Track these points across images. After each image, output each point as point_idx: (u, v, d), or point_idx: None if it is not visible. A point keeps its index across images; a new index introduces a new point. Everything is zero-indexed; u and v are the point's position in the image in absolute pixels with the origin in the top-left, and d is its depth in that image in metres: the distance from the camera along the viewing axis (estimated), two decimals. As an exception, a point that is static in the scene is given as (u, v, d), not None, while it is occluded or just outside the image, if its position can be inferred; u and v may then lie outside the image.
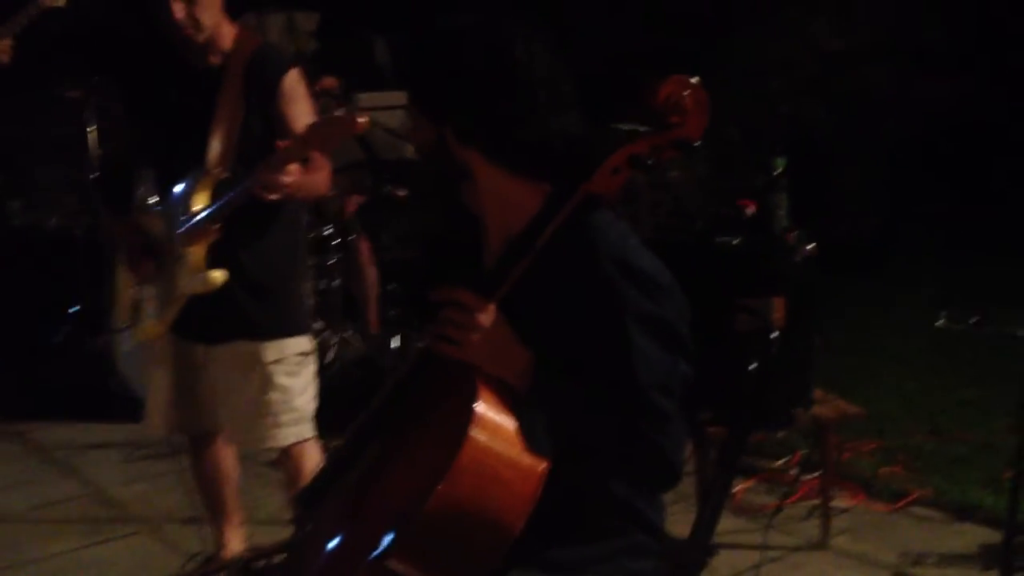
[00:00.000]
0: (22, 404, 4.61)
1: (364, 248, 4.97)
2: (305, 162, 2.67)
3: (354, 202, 4.95)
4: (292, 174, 2.56)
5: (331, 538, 1.67)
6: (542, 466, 1.54)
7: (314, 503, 1.79)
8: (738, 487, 3.62)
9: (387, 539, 1.50)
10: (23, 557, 3.41)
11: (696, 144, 1.59)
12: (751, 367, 2.73)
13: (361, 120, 2.44)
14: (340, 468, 1.78)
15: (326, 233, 4.76)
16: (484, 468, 1.50)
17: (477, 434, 1.50)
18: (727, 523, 3.38)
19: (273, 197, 2.60)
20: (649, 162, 1.57)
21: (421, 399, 1.69)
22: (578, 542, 1.71)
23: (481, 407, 1.52)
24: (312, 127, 2.54)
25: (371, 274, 4.99)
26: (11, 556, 3.40)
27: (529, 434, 1.55)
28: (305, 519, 1.79)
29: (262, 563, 1.92)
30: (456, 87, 1.64)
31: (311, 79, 4.32)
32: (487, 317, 1.58)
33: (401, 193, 4.55)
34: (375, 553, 1.50)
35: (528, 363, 1.60)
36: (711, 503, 1.98)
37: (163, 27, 2.67)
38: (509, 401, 1.56)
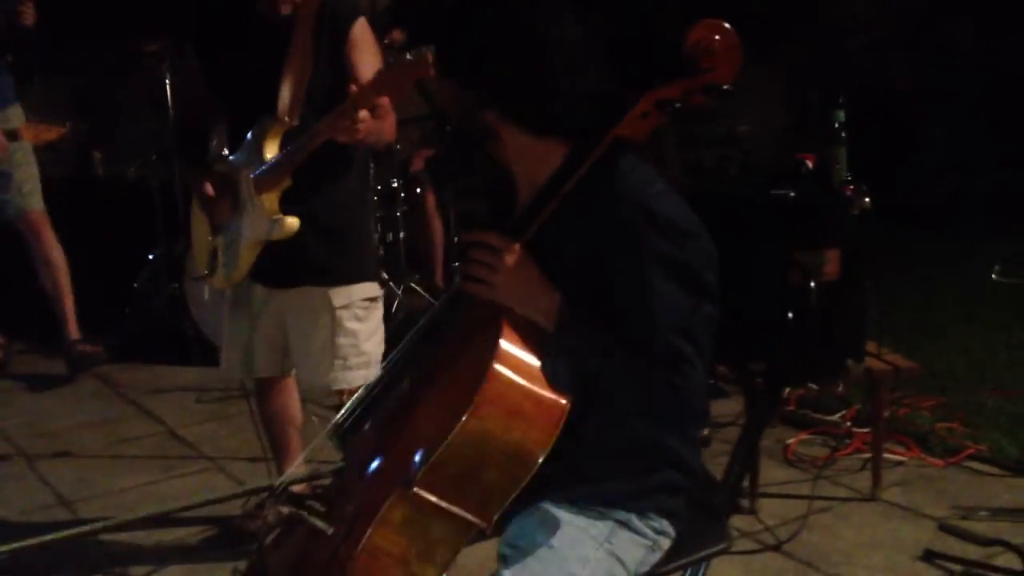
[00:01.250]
0: (105, 346, 4.79)
1: (430, 201, 5.04)
2: (373, 109, 2.73)
3: (421, 155, 5.02)
4: (363, 120, 2.62)
5: (364, 467, 1.75)
6: (564, 402, 1.60)
7: (350, 433, 1.87)
8: (792, 439, 3.64)
9: (415, 467, 1.58)
10: (99, 490, 3.58)
11: (727, 88, 1.60)
12: (795, 317, 2.74)
13: (427, 67, 2.47)
14: (375, 400, 1.85)
15: (393, 186, 4.83)
16: (506, 401, 1.56)
17: (500, 368, 1.57)
18: (778, 473, 3.41)
19: (344, 140, 2.66)
20: (678, 106, 1.59)
21: (451, 336, 1.76)
22: (608, 479, 1.75)
23: (505, 343, 1.58)
24: (383, 72, 2.58)
25: (437, 227, 5.07)
26: (89, 489, 3.58)
27: (553, 372, 1.61)
28: (342, 449, 1.87)
29: (301, 488, 2.00)
30: (476, 50, 1.69)
31: (382, 32, 4.39)
32: (513, 258, 1.64)
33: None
34: (403, 480, 1.58)
35: (554, 304, 1.65)
36: (743, 447, 2.01)
37: None
38: (534, 339, 1.62)
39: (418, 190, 4.99)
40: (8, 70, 4.27)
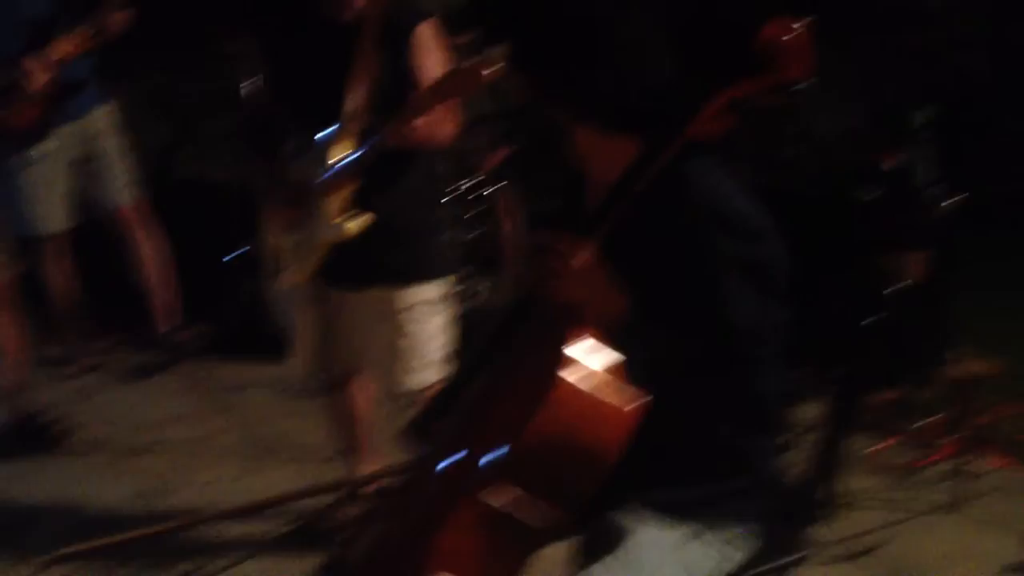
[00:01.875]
0: (187, 341, 4.87)
1: (502, 200, 5.05)
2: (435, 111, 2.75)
3: (498, 154, 5.03)
4: (421, 124, 2.64)
5: (441, 463, 1.77)
6: (636, 404, 1.59)
7: (425, 432, 1.89)
8: (876, 446, 3.56)
9: (488, 467, 1.59)
10: (184, 483, 3.67)
11: (800, 88, 1.58)
12: (877, 321, 2.69)
13: (486, 71, 2.49)
14: (448, 399, 1.87)
15: (465, 184, 4.86)
16: (579, 402, 1.57)
17: (572, 369, 1.57)
18: (862, 481, 3.34)
19: (402, 145, 2.69)
20: (751, 105, 1.57)
21: (523, 336, 1.76)
22: (682, 483, 1.75)
23: (576, 344, 1.59)
24: (441, 78, 2.62)
25: (508, 226, 5.08)
26: (174, 482, 3.67)
27: (623, 374, 1.60)
28: (419, 444, 1.89)
29: (377, 485, 2.03)
30: (547, 46, 1.68)
31: (457, 31, 4.41)
32: (584, 258, 1.63)
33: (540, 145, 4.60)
34: (478, 480, 1.59)
35: (625, 305, 1.64)
36: (822, 454, 1.98)
37: None
38: (605, 340, 1.61)
39: (490, 189, 5.00)
40: (95, 72, 4.39)
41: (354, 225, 2.83)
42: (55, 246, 4.53)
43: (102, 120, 4.41)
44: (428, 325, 2.98)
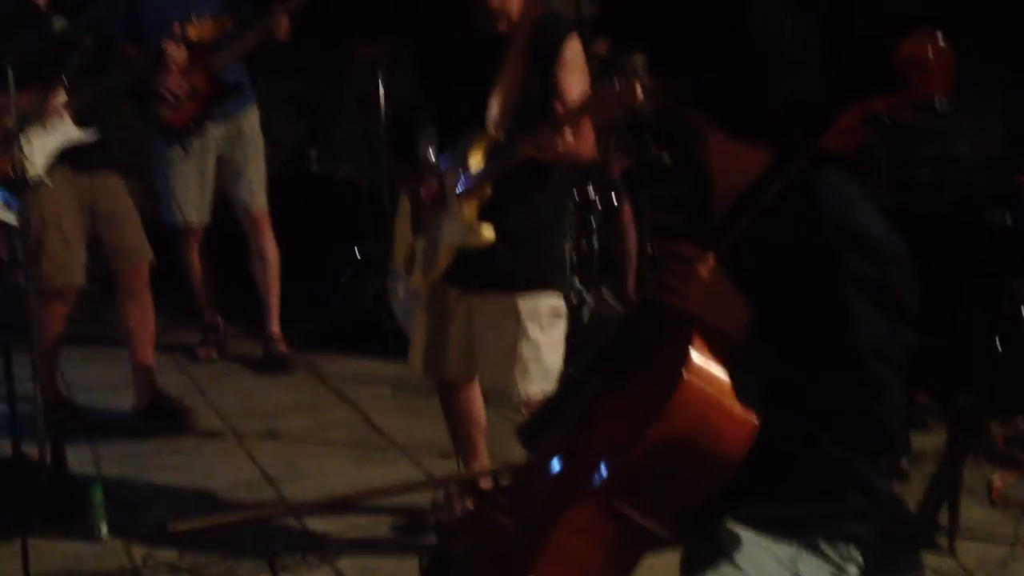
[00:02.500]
0: (310, 335, 5.05)
1: (626, 210, 5.05)
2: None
3: (618, 163, 5.03)
4: (566, 138, 2.67)
5: (551, 468, 1.79)
6: (753, 417, 1.58)
7: (537, 435, 1.91)
8: (998, 478, 3.44)
9: (601, 473, 1.60)
10: (301, 471, 3.78)
11: (939, 106, 1.55)
12: (1006, 348, 2.60)
13: (640, 92, 2.50)
14: (563, 403, 1.88)
15: (589, 193, 4.87)
16: (695, 412, 1.56)
17: (691, 379, 1.57)
18: (981, 514, 3.22)
19: (544, 157, 2.71)
20: (887, 121, 1.55)
21: (641, 343, 1.76)
22: (794, 501, 1.72)
23: (696, 354, 1.58)
24: (591, 96, 2.63)
25: (631, 235, 5.07)
26: (291, 471, 3.78)
27: (743, 386, 1.59)
28: (528, 449, 1.91)
29: (488, 485, 2.05)
30: (683, 46, 1.68)
31: (588, 42, 4.43)
32: (706, 269, 1.62)
33: (664, 156, 4.59)
34: (589, 485, 1.60)
35: (747, 317, 1.63)
36: (942, 480, 1.93)
37: None
38: (724, 352, 1.61)
39: (614, 198, 5.01)
40: (248, 74, 4.57)
41: (487, 231, 2.87)
42: (194, 238, 4.72)
43: (248, 123, 4.60)
44: (549, 332, 2.99)
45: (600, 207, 4.91)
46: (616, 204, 5.01)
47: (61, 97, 3.71)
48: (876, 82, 1.57)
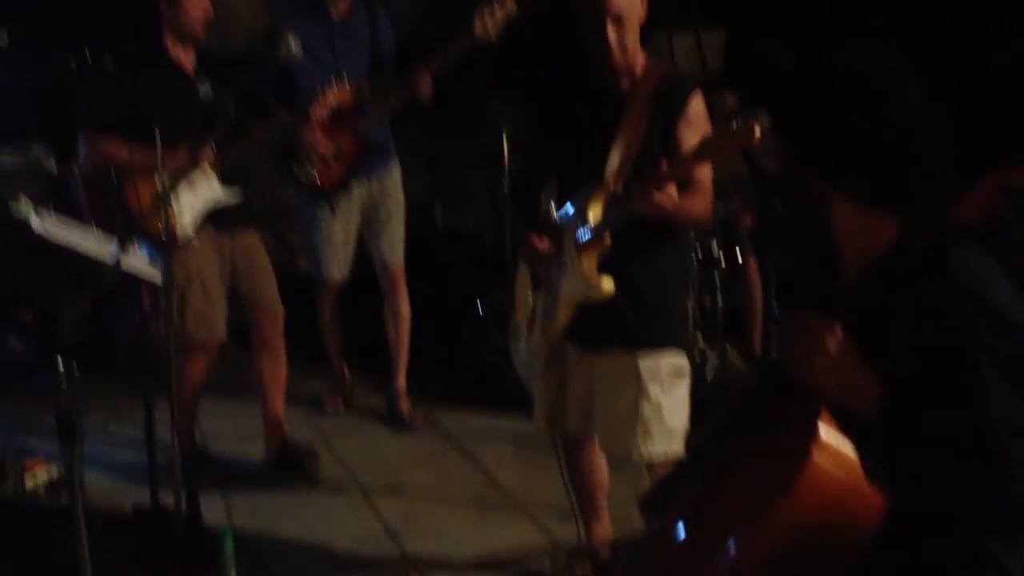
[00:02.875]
0: (433, 389, 5.10)
1: (752, 266, 4.98)
2: (685, 187, 2.77)
3: (743, 219, 4.98)
4: (669, 194, 2.66)
5: (673, 542, 1.76)
6: (882, 497, 1.53)
7: (659, 506, 1.88)
8: None
9: (725, 550, 1.57)
10: (423, 527, 3.82)
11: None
12: None
13: (758, 131, 2.49)
14: (686, 474, 1.86)
15: (713, 248, 4.82)
16: (823, 492, 1.53)
17: (819, 457, 1.53)
18: None
19: (650, 213, 2.71)
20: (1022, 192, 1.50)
21: (767, 416, 1.73)
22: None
23: (824, 430, 1.55)
24: (705, 140, 2.63)
25: (757, 292, 4.99)
26: (413, 526, 3.82)
27: (872, 464, 1.55)
28: (651, 520, 1.89)
29: (608, 555, 2.03)
30: (808, 114, 1.66)
31: (715, 96, 4.42)
32: (834, 341, 1.58)
33: (790, 214, 4.51)
34: (712, 562, 1.57)
35: (875, 392, 1.58)
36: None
37: (588, 47, 2.86)
38: (853, 428, 1.57)
39: (739, 254, 4.95)
40: (394, 133, 4.70)
41: (607, 284, 2.86)
42: (332, 292, 4.85)
43: (391, 180, 4.73)
44: (671, 391, 2.97)
45: (725, 263, 4.86)
46: (741, 261, 4.95)
47: (208, 158, 3.88)
48: (1012, 151, 1.52)
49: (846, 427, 1.57)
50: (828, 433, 1.56)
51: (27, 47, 4.10)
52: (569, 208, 2.98)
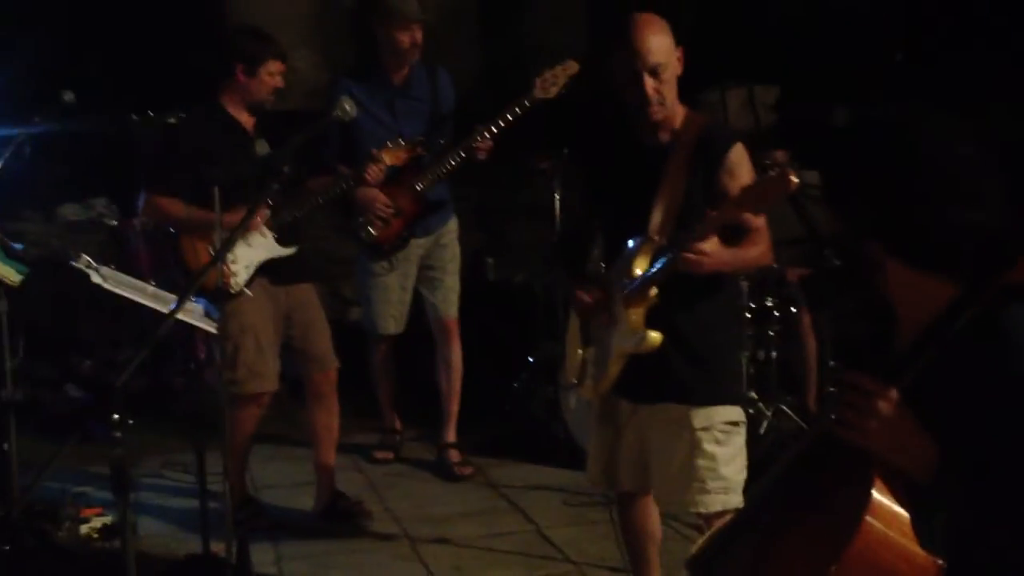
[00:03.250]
0: (482, 441, 5.10)
1: (805, 320, 4.93)
2: (741, 234, 2.77)
3: (796, 273, 4.95)
4: (711, 245, 2.66)
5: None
6: (938, 565, 1.50)
7: (709, 567, 1.86)
8: None
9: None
10: (469, 580, 3.82)
11: None
12: None
13: (795, 179, 2.47)
14: (736, 533, 1.84)
15: (767, 303, 4.79)
16: (876, 559, 1.50)
17: (872, 522, 1.51)
18: None
19: (695, 268, 2.71)
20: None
21: (819, 478, 1.71)
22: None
23: (877, 496, 1.52)
24: (744, 189, 2.63)
25: (811, 347, 4.94)
26: (461, 577, 3.82)
27: (927, 531, 1.52)
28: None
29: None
30: (858, 178, 1.66)
31: (766, 152, 4.43)
32: (888, 405, 1.56)
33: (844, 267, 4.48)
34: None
35: (931, 457, 1.56)
36: None
37: (628, 103, 2.88)
38: (907, 494, 1.54)
39: (793, 309, 4.91)
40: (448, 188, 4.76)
41: (654, 337, 2.86)
42: (387, 345, 4.89)
43: (449, 235, 4.79)
44: (727, 447, 2.94)
45: (778, 317, 4.83)
46: (795, 314, 4.91)
47: (265, 215, 3.96)
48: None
49: (901, 492, 1.55)
50: (881, 498, 1.53)
51: (92, 105, 4.24)
52: (615, 264, 3.00)
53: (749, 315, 4.64)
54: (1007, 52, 4.92)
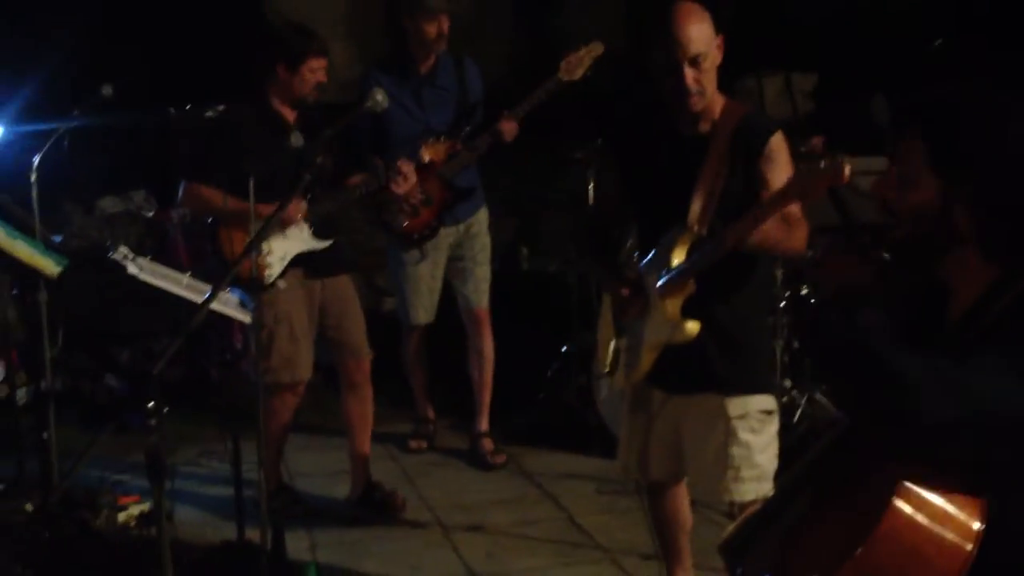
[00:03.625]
0: (515, 430, 5.12)
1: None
2: (781, 220, 2.75)
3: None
4: (765, 229, 2.65)
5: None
6: (968, 548, 1.50)
7: (741, 551, 1.87)
8: None
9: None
10: (503, 567, 3.83)
11: None
12: None
13: (847, 170, 2.46)
14: (767, 518, 1.84)
15: (802, 292, 4.76)
16: (905, 539, 1.51)
17: (901, 504, 1.52)
18: None
19: (744, 248, 2.70)
20: None
21: (851, 460, 1.72)
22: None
23: (907, 481, 1.52)
24: (794, 178, 2.61)
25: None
26: (495, 565, 3.84)
27: (957, 512, 1.52)
28: (732, 565, 1.88)
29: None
30: (985, 154, 1.65)
31: (803, 139, 4.40)
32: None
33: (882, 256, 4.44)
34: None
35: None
36: None
37: (667, 93, 2.85)
38: (938, 480, 1.54)
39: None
40: (478, 176, 4.78)
41: (691, 327, 2.86)
42: (419, 335, 4.92)
43: (479, 224, 4.80)
44: (761, 436, 2.93)
45: (813, 305, 4.79)
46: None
47: (301, 207, 4.00)
48: None
49: (931, 482, 1.55)
50: (911, 483, 1.54)
51: (130, 99, 4.29)
52: (651, 254, 2.98)
53: (783, 303, 4.61)
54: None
